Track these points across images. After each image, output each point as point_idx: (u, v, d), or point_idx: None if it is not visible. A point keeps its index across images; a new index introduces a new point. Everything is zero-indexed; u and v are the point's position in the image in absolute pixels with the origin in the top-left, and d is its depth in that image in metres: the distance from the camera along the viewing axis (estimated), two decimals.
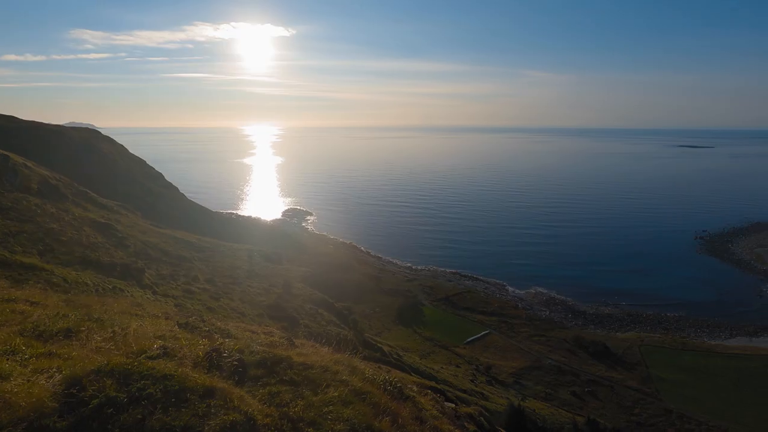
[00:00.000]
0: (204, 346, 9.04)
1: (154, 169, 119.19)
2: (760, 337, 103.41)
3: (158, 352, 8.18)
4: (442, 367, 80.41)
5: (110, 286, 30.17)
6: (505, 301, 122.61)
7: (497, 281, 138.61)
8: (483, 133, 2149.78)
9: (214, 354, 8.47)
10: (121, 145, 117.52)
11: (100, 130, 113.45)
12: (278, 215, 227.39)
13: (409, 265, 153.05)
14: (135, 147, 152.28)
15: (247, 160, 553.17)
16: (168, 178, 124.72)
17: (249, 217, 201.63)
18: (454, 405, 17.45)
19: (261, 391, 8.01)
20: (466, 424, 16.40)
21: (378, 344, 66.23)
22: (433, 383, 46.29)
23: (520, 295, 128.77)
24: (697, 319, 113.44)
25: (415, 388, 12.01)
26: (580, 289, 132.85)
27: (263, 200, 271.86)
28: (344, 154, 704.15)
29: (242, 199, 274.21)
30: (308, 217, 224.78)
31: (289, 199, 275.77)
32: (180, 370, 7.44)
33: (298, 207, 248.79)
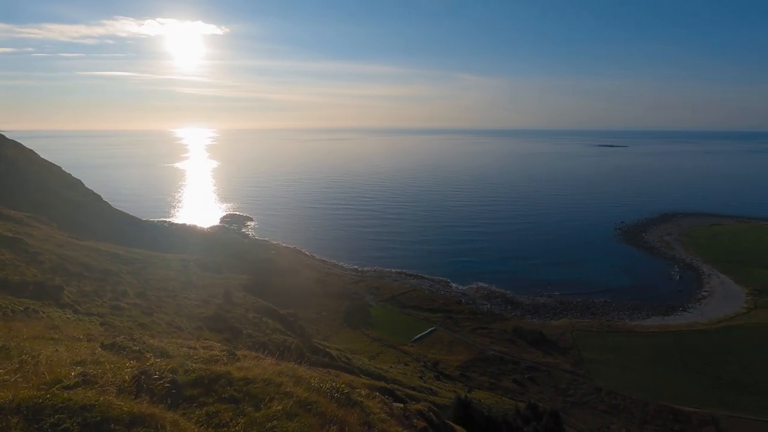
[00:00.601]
0: (131, 368, 8.26)
1: (71, 175, 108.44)
2: (671, 316, 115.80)
3: (76, 380, 7.31)
4: (391, 367, 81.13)
5: (21, 308, 26.90)
6: (449, 297, 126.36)
7: (441, 278, 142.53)
8: (420, 134, 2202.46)
9: (142, 377, 7.76)
10: (31, 150, 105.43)
11: (3, 133, 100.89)
12: (216, 222, 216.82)
13: (354, 267, 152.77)
14: (51, 151, 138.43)
15: (179, 165, 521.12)
16: (89, 185, 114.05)
17: (184, 225, 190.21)
18: (402, 405, 17.59)
19: (197, 412, 7.46)
20: (415, 421, 16.60)
21: (326, 349, 65.27)
22: (382, 383, 46.46)
23: (463, 290, 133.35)
24: (619, 303, 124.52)
25: (363, 392, 11.91)
26: (517, 281, 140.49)
27: (199, 207, 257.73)
28: (284, 156, 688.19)
29: (175, 206, 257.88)
30: (248, 223, 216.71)
31: (227, 204, 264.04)
32: (102, 398, 6.70)
33: (237, 212, 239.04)
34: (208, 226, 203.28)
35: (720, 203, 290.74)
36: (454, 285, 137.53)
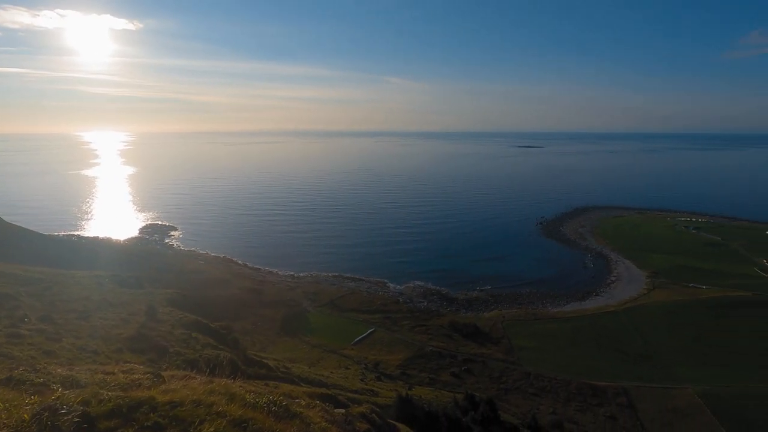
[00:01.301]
0: (32, 405, 7.20)
1: None
2: (587, 300, 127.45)
3: None
4: (332, 372, 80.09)
5: None
6: (387, 297, 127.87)
7: (379, 280, 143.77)
8: (350, 137, 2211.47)
9: (45, 414, 6.78)
10: None
11: None
12: (135, 233, 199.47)
13: (290, 273, 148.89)
14: None
15: (88, 172, 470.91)
16: None
17: (96, 239, 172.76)
18: (344, 410, 17.39)
19: None
20: (358, 425, 16.49)
21: (263, 360, 62.73)
22: (324, 390, 45.68)
23: (400, 290, 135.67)
24: (542, 292, 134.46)
25: (303, 402, 11.57)
26: (451, 278, 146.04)
27: (113, 218, 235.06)
28: (209, 161, 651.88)
29: (85, 218, 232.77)
30: (172, 233, 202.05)
31: (147, 214, 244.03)
32: None
33: (159, 222, 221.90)
34: (125, 238, 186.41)
35: (622, 197, 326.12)
36: (391, 285, 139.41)
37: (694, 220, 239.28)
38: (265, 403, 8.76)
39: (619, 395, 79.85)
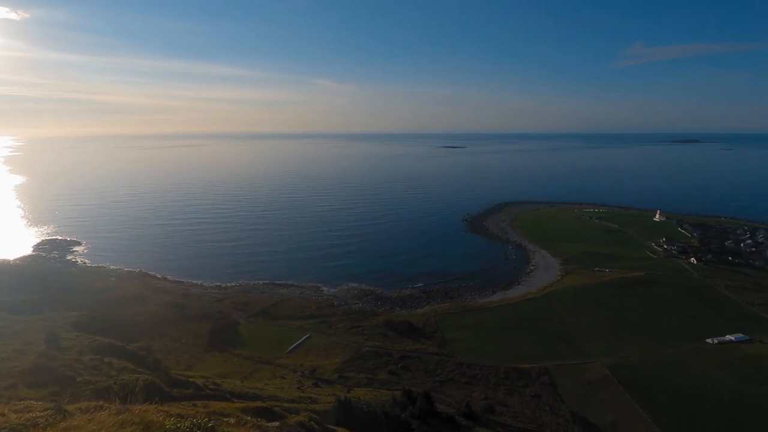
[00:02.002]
0: None
1: None
2: (510, 289, 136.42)
3: None
4: (266, 384, 77.03)
5: None
6: (322, 301, 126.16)
7: (312, 284, 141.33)
8: (282, 139, 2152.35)
9: None
10: None
11: None
12: (28, 251, 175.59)
13: (216, 284, 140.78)
14: None
15: None
16: None
17: None
18: (278, 422, 16.77)
19: None
20: None
21: (190, 379, 58.56)
22: (258, 403, 43.74)
23: (334, 293, 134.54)
24: (470, 285, 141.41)
25: (232, 420, 10.90)
26: (384, 278, 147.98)
27: None
28: (120, 167, 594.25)
29: None
30: (75, 248, 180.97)
31: (43, 228, 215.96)
32: None
33: (58, 237, 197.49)
34: (17, 256, 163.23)
35: (536, 192, 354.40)
36: (325, 289, 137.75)
37: (596, 210, 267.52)
38: (188, 427, 8.07)
39: (541, 375, 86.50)
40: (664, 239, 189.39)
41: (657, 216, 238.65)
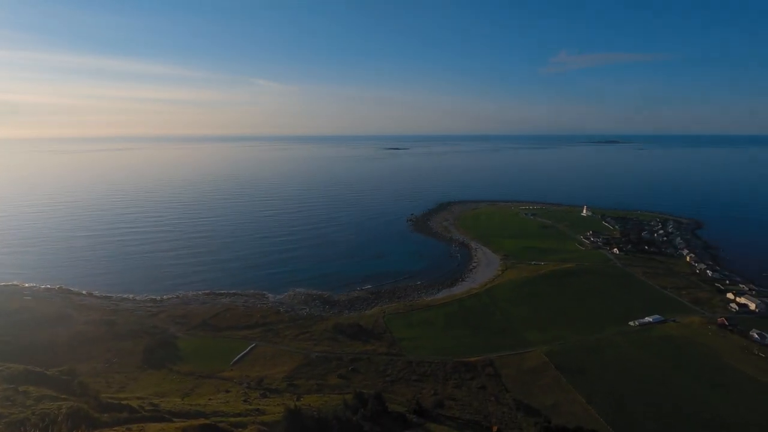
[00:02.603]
0: None
1: None
2: (455, 286, 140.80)
3: None
4: (210, 399, 73.14)
5: None
6: (267, 309, 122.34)
7: (256, 291, 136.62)
8: (220, 142, 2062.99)
9: None
10: None
11: None
12: None
13: (151, 297, 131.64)
14: None
15: None
16: None
17: None
18: None
19: None
20: None
21: (123, 402, 54.05)
22: (202, 421, 41.45)
23: (280, 299, 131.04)
24: (417, 284, 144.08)
25: None
26: (332, 281, 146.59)
27: None
28: (36, 174, 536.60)
29: None
30: None
31: None
32: None
33: None
34: None
35: (477, 191, 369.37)
36: (271, 296, 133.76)
37: (531, 208, 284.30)
38: None
39: (486, 366, 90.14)
40: (590, 232, 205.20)
41: (584, 211, 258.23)
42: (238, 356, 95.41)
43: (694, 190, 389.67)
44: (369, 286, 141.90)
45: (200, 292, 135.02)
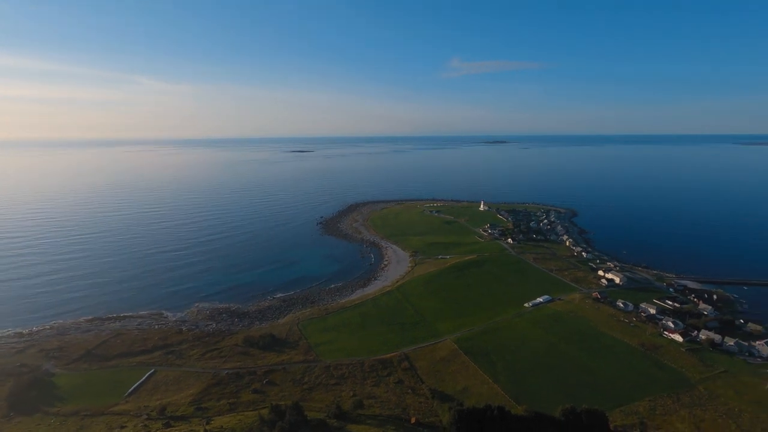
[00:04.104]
0: None
1: None
2: (368, 286, 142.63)
3: None
4: None
5: None
6: (167, 329, 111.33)
7: (153, 312, 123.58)
8: (95, 146, 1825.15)
9: None
10: None
11: None
12: None
13: (17, 331, 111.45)
14: None
15: None
16: None
17: None
18: None
19: None
20: None
21: None
22: None
23: (182, 317, 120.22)
24: (331, 287, 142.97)
25: None
26: (240, 293, 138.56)
27: None
28: None
29: None
30: None
31: None
32: None
33: None
34: None
35: (384, 191, 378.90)
36: (170, 315, 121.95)
37: (435, 205, 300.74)
38: None
39: (402, 361, 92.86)
40: (488, 225, 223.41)
41: (481, 206, 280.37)
42: (135, 386, 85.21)
43: (570, 182, 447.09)
44: (281, 294, 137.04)
45: (81, 320, 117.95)
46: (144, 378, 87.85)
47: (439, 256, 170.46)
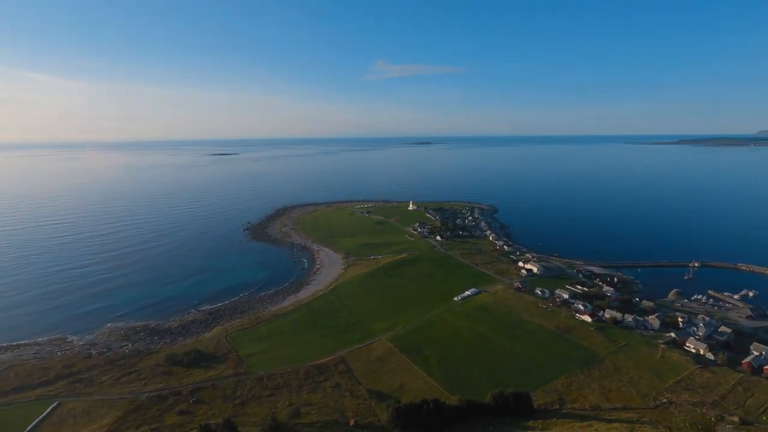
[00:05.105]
0: None
1: None
2: (301, 291, 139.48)
3: None
4: None
5: None
6: (72, 355, 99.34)
7: (54, 337, 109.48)
8: None
9: None
10: None
11: None
12: None
13: None
14: None
15: None
16: None
17: None
18: None
19: None
20: None
21: None
22: None
23: (91, 340, 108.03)
24: (261, 295, 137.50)
25: None
26: (159, 308, 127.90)
27: None
28: None
29: None
30: None
31: None
32: None
33: None
34: None
35: (313, 194, 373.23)
36: (76, 339, 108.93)
37: (366, 206, 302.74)
38: None
39: (338, 364, 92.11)
40: (417, 224, 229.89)
41: (410, 206, 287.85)
42: (34, 423, 74.73)
43: (491, 181, 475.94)
44: (207, 307, 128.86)
45: None
46: (45, 413, 77.42)
47: (372, 257, 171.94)
